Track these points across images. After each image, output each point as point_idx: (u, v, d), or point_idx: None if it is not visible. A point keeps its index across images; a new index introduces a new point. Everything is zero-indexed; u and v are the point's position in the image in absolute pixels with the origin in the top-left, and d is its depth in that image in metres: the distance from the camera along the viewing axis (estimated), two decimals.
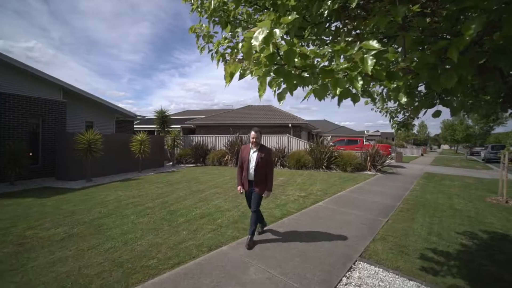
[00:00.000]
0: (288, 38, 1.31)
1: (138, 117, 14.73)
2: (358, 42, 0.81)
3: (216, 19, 1.76)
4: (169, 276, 2.63)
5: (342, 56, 0.87)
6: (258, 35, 0.90)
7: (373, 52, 0.77)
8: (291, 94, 1.05)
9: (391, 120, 3.54)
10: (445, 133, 36.27)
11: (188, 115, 25.44)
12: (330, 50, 0.86)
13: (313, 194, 6.60)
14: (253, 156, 3.38)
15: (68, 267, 2.78)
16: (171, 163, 14.44)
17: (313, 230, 4.05)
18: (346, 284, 2.60)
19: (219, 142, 15.08)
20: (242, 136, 13.68)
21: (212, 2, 1.61)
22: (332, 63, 0.98)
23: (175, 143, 13.85)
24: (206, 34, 1.78)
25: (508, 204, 6.18)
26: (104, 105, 12.62)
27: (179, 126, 20.00)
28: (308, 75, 0.88)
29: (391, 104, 3.59)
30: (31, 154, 8.66)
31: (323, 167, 11.42)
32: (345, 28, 1.37)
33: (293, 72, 0.92)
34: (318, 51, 0.90)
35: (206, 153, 14.26)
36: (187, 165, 13.93)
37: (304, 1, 1.22)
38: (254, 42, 0.90)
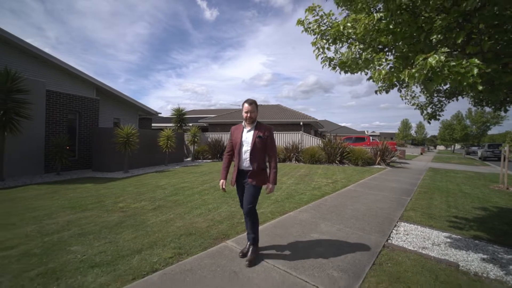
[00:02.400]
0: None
1: (159, 114, 15.49)
2: (465, 59, 1.63)
3: (328, 37, 2.60)
4: (265, 227, 3.46)
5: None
6: (422, 67, 1.68)
7: (475, 64, 1.58)
8: (437, 86, 1.86)
9: (423, 112, 4.40)
10: (444, 132, 37.54)
11: (195, 114, 26.16)
12: (454, 63, 1.66)
13: (339, 181, 7.46)
14: (248, 136, 2.54)
15: (180, 224, 3.59)
16: (189, 159, 15.22)
17: (354, 204, 4.90)
18: (396, 233, 3.45)
19: None
20: None
21: (332, 31, 2.45)
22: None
23: (195, 139, 14.63)
24: (321, 47, 2.63)
25: (509, 190, 7.08)
26: (129, 102, 13.38)
27: (190, 124, 20.74)
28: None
29: (422, 99, 4.49)
30: (68, 147, 9.34)
31: (336, 161, 12.31)
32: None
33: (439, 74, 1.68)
34: (447, 62, 1.67)
35: (223, 149, 15.06)
36: (204, 160, 14.69)
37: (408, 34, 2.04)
38: (420, 72, 1.68)
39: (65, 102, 9.80)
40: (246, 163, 2.54)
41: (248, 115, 2.55)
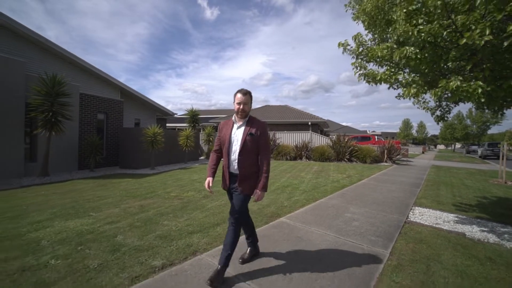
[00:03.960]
0: None
1: (175, 115, 16.25)
2: (473, 80, 2.37)
3: (362, 57, 3.37)
4: (306, 209, 4.24)
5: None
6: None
7: (479, 85, 2.32)
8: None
9: (433, 115, 5.15)
10: (445, 132, 38.35)
11: (203, 115, 26.90)
12: (465, 85, 2.40)
13: (352, 176, 8.23)
14: (238, 133, 2.20)
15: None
16: (202, 157, 15.99)
17: (371, 194, 5.66)
18: (413, 214, 4.22)
19: None
20: (273, 132, 15.29)
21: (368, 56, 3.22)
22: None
23: (210, 138, 15.40)
24: (359, 65, 3.40)
25: (507, 184, 7.86)
26: (149, 103, 14.14)
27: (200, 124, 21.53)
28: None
29: (431, 104, 5.25)
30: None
31: (345, 159, 13.08)
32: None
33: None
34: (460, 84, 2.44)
35: None
36: None
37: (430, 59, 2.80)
38: (441, 91, 2.46)
39: (95, 103, 10.57)
40: (234, 165, 2.16)
41: (241, 107, 2.16)
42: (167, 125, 20.49)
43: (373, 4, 3.21)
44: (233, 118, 2.29)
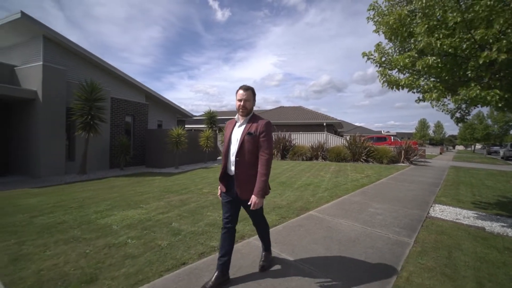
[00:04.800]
0: None
1: (193, 117, 16.93)
2: (492, 87, 2.67)
3: (385, 65, 3.71)
4: (331, 204, 4.60)
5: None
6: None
7: (497, 93, 2.61)
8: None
9: (452, 117, 5.37)
10: (465, 132, 37.22)
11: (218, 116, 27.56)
12: (483, 93, 2.71)
13: (371, 175, 8.47)
14: (237, 132, 2.08)
15: (265, 202, 4.76)
16: (220, 157, 16.54)
17: (391, 192, 5.93)
18: (433, 211, 4.49)
19: None
20: (289, 133, 15.66)
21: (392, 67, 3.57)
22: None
23: None
24: (382, 72, 3.75)
25: None
26: (170, 106, 14.86)
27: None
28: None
29: (451, 106, 5.47)
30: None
31: (362, 159, 13.23)
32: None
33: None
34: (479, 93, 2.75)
35: None
36: None
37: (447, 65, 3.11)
38: (462, 98, 2.80)
39: (124, 107, 11.32)
40: (231, 167, 2.05)
41: (242, 103, 2.04)
42: (186, 126, 21.29)
43: (396, 18, 3.55)
44: (236, 117, 2.17)
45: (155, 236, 2.99)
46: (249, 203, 1.96)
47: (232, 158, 2.05)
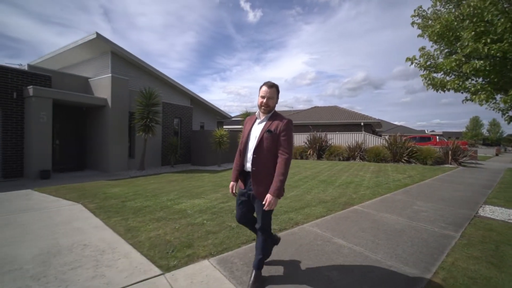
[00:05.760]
0: None
1: (231, 118, 17.91)
2: None
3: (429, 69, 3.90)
4: (373, 201, 4.87)
5: None
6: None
7: None
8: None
9: (503, 115, 5.22)
10: None
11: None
12: None
13: (413, 176, 8.32)
14: (257, 129, 2.05)
15: (311, 197, 5.20)
16: None
17: (437, 192, 5.90)
18: (483, 211, 4.48)
19: (297, 139, 17.38)
20: (325, 133, 15.75)
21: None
22: None
23: None
24: (427, 75, 3.95)
25: None
26: (211, 108, 15.97)
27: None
28: None
29: (502, 105, 5.32)
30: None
31: (403, 160, 12.79)
32: None
33: None
34: None
35: None
36: None
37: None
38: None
39: (172, 110, 12.56)
40: (248, 164, 2.03)
41: (264, 100, 2.00)
42: (224, 127, 22.50)
43: (442, 24, 3.72)
44: (256, 113, 2.14)
45: (224, 219, 3.64)
46: (263, 202, 1.86)
47: (249, 154, 2.02)
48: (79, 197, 5.10)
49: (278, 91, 2.07)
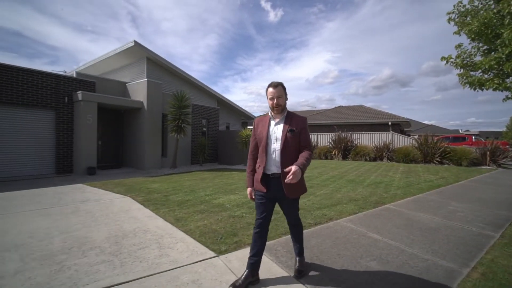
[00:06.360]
0: None
1: (255, 118, 18.29)
2: None
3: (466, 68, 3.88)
4: (406, 201, 4.88)
5: None
6: None
7: None
8: None
9: None
10: None
11: None
12: None
13: (447, 177, 8.03)
14: (277, 130, 2.07)
15: (340, 195, 5.31)
16: None
17: (473, 193, 5.71)
18: None
19: (321, 139, 17.28)
20: (350, 133, 15.54)
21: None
22: None
23: None
24: (464, 74, 3.93)
25: None
26: (237, 109, 16.43)
27: None
28: None
29: None
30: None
31: (435, 161, 12.26)
32: None
33: None
34: None
35: (312, 148, 16.66)
36: None
37: None
38: None
39: (200, 111, 13.14)
40: (274, 166, 2.03)
41: (275, 101, 2.02)
42: (249, 127, 22.97)
43: (480, 22, 3.69)
44: (269, 114, 2.14)
45: None
46: (287, 170, 1.80)
47: (274, 155, 2.02)
48: (125, 191, 5.67)
49: (284, 89, 2.09)
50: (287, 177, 1.73)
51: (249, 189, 2.19)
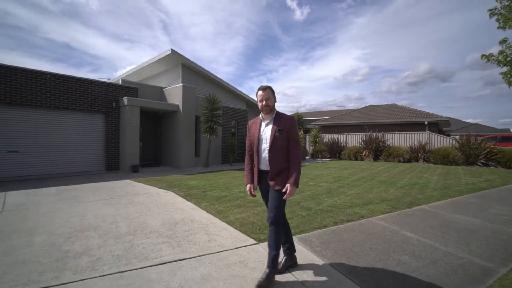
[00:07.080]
0: None
1: None
2: None
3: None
4: (443, 202, 4.78)
5: None
6: None
7: None
8: None
9: None
10: None
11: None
12: None
13: (492, 180, 7.50)
14: (266, 131, 2.23)
15: (372, 195, 5.33)
16: (308, 157, 17.35)
17: None
18: None
19: (350, 139, 16.90)
20: (382, 133, 15.04)
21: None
22: None
23: (316, 140, 16.64)
24: (507, 73, 3.79)
25: None
26: None
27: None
28: None
29: None
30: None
31: (479, 163, 11.39)
32: None
33: None
34: None
35: (341, 149, 16.37)
36: (323, 159, 16.40)
37: None
38: None
39: (230, 113, 13.68)
40: (264, 163, 2.21)
41: (264, 103, 2.19)
42: None
43: None
44: (260, 116, 2.32)
45: (294, 209, 4.16)
46: (284, 190, 2.05)
47: (264, 154, 2.19)
48: (167, 186, 6.27)
49: (273, 91, 2.27)
50: (287, 194, 2.03)
51: (248, 186, 2.33)
